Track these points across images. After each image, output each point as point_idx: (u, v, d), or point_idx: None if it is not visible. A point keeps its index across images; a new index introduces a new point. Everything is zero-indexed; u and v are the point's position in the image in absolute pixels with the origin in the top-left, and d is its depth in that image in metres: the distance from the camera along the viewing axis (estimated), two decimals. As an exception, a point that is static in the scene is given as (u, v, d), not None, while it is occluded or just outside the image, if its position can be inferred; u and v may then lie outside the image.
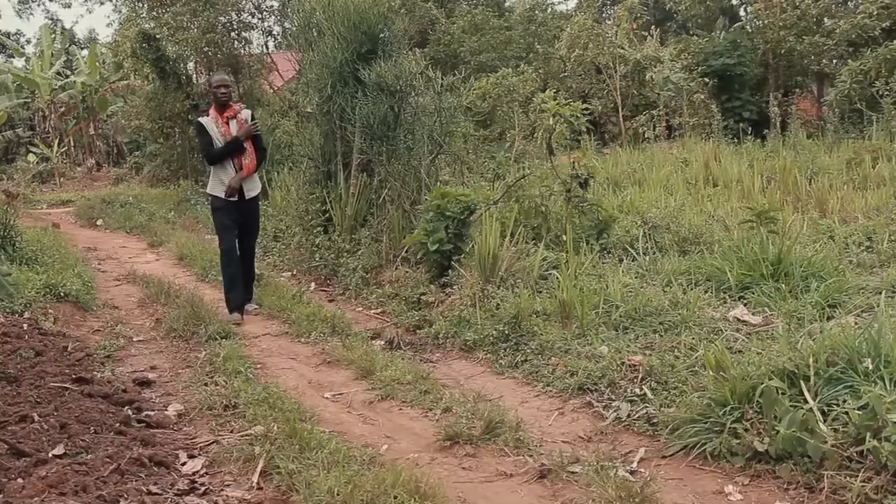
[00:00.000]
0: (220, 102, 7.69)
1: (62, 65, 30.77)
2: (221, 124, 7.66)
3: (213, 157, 7.71)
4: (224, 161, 7.67)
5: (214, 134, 7.64)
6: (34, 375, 5.39)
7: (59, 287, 8.11)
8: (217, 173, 7.75)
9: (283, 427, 4.64)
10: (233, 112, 7.73)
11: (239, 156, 7.69)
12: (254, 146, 7.80)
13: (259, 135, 7.94)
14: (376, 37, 9.80)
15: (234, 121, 7.71)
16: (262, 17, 21.67)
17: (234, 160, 7.69)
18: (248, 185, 7.80)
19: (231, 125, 7.69)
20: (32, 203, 20.48)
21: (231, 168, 7.70)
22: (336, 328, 7.07)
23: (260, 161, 7.92)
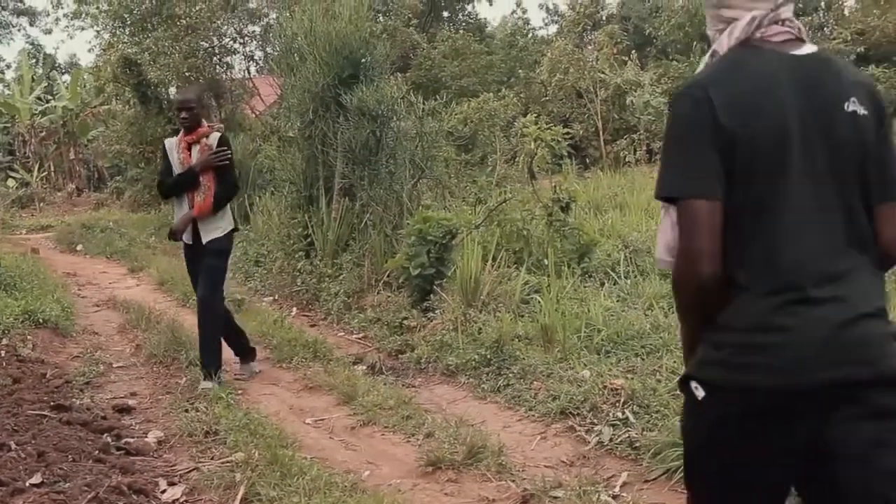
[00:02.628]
0: (183, 128, 6.34)
1: (43, 90, 30.71)
2: (181, 150, 6.30)
3: (163, 190, 6.56)
4: (181, 196, 6.32)
5: (174, 160, 6.34)
6: (12, 403, 5.34)
7: (37, 313, 8.04)
8: (175, 210, 6.51)
9: (264, 453, 4.61)
10: (197, 136, 6.28)
11: (192, 191, 6.23)
12: (218, 180, 6.26)
13: (226, 165, 6.31)
14: (358, 62, 9.83)
15: (197, 147, 6.28)
16: (243, 42, 21.72)
17: (188, 196, 6.27)
18: (205, 226, 6.30)
19: (193, 151, 6.28)
20: (11, 228, 20.37)
21: (186, 205, 6.29)
22: (318, 353, 7.04)
23: (222, 198, 6.33)
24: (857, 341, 1.95)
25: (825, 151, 2.00)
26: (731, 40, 2.11)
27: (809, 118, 2.01)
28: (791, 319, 1.94)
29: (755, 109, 1.99)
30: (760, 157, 1.98)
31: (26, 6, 44.10)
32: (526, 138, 9.05)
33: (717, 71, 2.10)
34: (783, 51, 2.08)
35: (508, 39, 29.70)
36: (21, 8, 44.22)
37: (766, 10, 2.08)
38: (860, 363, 1.94)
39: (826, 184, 2.01)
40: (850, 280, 1.99)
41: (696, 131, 2.00)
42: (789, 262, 1.98)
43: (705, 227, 1.96)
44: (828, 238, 2.00)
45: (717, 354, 2.02)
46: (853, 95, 2.04)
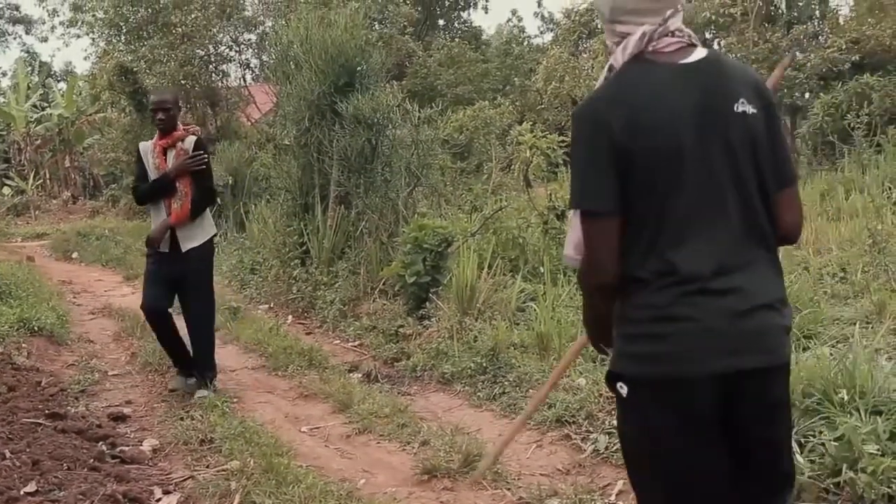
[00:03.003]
0: (159, 130, 6.11)
1: (39, 98, 30.70)
2: (156, 154, 6.06)
3: (138, 196, 6.31)
4: (158, 202, 6.06)
5: (149, 165, 6.09)
6: (6, 411, 5.33)
7: (32, 321, 8.03)
8: (151, 217, 6.27)
9: (259, 462, 4.60)
10: (172, 140, 6.04)
11: (169, 197, 5.99)
12: (195, 185, 6.03)
13: (203, 170, 6.09)
14: (354, 70, 9.85)
15: (172, 150, 6.05)
16: (239, 50, 21.76)
17: (165, 203, 6.02)
18: (184, 233, 6.04)
19: (168, 156, 6.04)
20: (7, 236, 20.35)
21: (163, 212, 6.03)
22: (313, 361, 7.03)
23: (200, 205, 6.09)
24: (753, 331, 2.14)
25: (721, 153, 2.15)
26: (625, 55, 2.22)
27: (704, 124, 2.14)
28: (691, 310, 2.10)
29: (650, 126, 2.12)
30: (658, 169, 2.12)
31: (22, 14, 44.23)
32: (521, 146, 9.05)
33: (613, 89, 2.23)
34: (675, 61, 2.20)
35: (504, 48, 29.75)
36: (17, 16, 44.33)
37: (655, 24, 2.19)
38: (757, 352, 2.15)
39: (723, 184, 2.15)
40: (749, 273, 2.15)
41: (597, 152, 2.14)
42: (689, 256, 2.12)
43: (605, 240, 2.14)
44: (726, 236, 2.15)
45: (630, 348, 2.20)
46: (742, 96, 2.18)
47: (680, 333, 2.11)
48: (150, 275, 6.17)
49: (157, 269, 6.11)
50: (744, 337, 2.13)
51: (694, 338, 2.11)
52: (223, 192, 15.84)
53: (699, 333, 2.11)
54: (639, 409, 2.21)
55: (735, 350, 2.12)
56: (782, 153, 2.26)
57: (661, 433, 2.17)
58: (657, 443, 2.19)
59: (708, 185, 2.15)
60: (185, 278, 6.08)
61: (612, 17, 2.27)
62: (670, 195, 2.14)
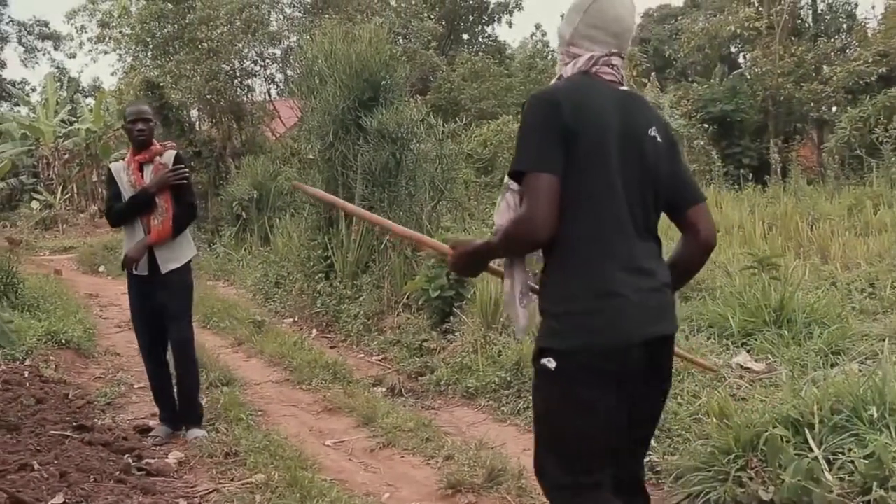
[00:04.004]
0: (136, 142, 5.61)
1: (67, 113, 31.02)
2: (132, 171, 5.60)
3: (113, 217, 5.70)
4: (133, 221, 5.58)
5: (123, 184, 5.60)
6: (35, 423, 5.36)
7: (60, 334, 8.09)
8: (125, 238, 5.71)
9: (284, 475, 4.61)
10: (150, 155, 5.62)
11: (148, 215, 5.53)
12: (175, 201, 5.60)
13: (185, 185, 5.67)
14: (378, 84, 9.89)
15: (149, 166, 5.61)
16: (264, 64, 21.87)
17: (143, 221, 5.56)
18: (164, 254, 5.58)
19: (145, 172, 5.60)
20: (35, 250, 20.53)
21: (140, 231, 5.56)
22: (337, 375, 7.05)
23: (182, 222, 5.65)
24: (664, 305, 2.60)
25: (636, 162, 2.56)
26: (574, 69, 2.66)
27: (627, 136, 2.56)
28: (621, 287, 2.46)
29: (590, 116, 2.52)
30: (592, 153, 2.50)
31: (51, 31, 44.69)
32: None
33: (564, 87, 2.64)
34: (609, 86, 2.65)
35: (528, 62, 29.70)
36: (46, 32, 44.80)
37: (602, 52, 2.65)
38: (668, 321, 2.61)
39: (635, 186, 2.55)
40: (654, 259, 2.60)
41: (548, 125, 2.50)
42: (614, 239, 2.50)
43: (546, 195, 2.43)
44: (638, 226, 2.55)
45: (561, 324, 2.52)
46: (654, 125, 2.66)
47: (618, 307, 2.46)
48: (138, 312, 5.79)
49: (141, 302, 5.71)
50: (660, 309, 2.56)
51: (629, 311, 2.46)
52: (248, 206, 15.94)
53: (632, 307, 2.47)
54: (567, 379, 2.49)
55: (656, 319, 2.54)
56: (687, 176, 2.76)
57: (589, 399, 2.48)
58: (583, 408, 2.49)
59: (626, 180, 2.53)
60: (165, 306, 5.64)
61: (571, 40, 2.71)
62: (602, 183, 2.51)
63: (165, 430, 5.75)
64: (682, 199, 2.71)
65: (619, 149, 2.52)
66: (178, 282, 5.66)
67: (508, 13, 30.00)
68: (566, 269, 2.51)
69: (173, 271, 5.62)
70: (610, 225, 2.50)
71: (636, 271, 2.50)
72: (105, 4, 28.35)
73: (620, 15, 2.67)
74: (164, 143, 5.88)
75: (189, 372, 5.80)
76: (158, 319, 5.72)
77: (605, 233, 2.50)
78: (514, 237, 2.53)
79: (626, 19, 2.68)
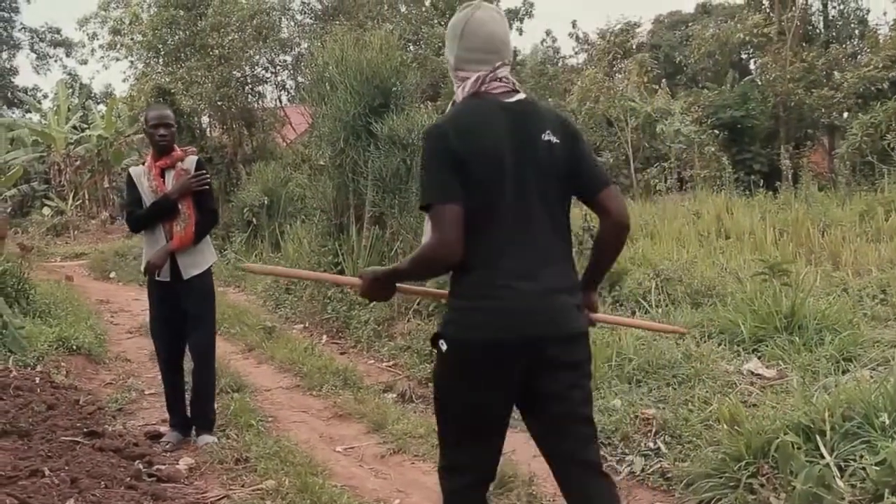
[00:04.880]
0: (157, 147, 5.55)
1: (79, 119, 31.16)
2: (154, 177, 5.54)
3: (135, 222, 5.66)
4: (154, 227, 5.55)
5: (143, 189, 5.56)
6: (46, 429, 5.37)
7: (71, 340, 8.11)
8: (146, 244, 5.67)
9: (294, 481, 4.61)
10: (172, 160, 5.57)
11: (170, 220, 5.51)
12: (197, 207, 5.58)
13: (206, 191, 5.66)
14: (389, 90, 9.90)
15: (171, 172, 5.57)
16: (275, 71, 21.97)
17: (165, 226, 5.53)
18: (185, 259, 5.57)
19: (167, 178, 5.55)
20: (46, 256, 20.60)
21: (161, 237, 5.53)
22: (348, 381, 7.04)
23: (204, 228, 5.66)
24: (549, 308, 2.79)
25: (532, 170, 2.79)
26: (464, 93, 2.87)
27: (519, 147, 2.78)
28: (503, 291, 2.73)
29: (476, 139, 2.76)
30: (483, 172, 2.74)
31: (63, 38, 44.94)
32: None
33: (453, 114, 2.88)
34: (500, 100, 2.85)
35: (539, 68, 29.77)
36: (58, 39, 45.06)
37: (487, 71, 2.85)
38: (551, 324, 2.79)
39: (534, 194, 2.79)
40: (549, 263, 2.81)
41: (440, 156, 2.76)
42: (504, 249, 2.75)
43: (453, 223, 2.69)
44: (534, 234, 2.79)
45: (454, 316, 2.83)
46: (548, 129, 2.83)
47: (493, 308, 2.73)
48: (158, 318, 5.75)
49: (162, 309, 5.69)
50: (543, 313, 2.77)
51: (504, 312, 2.73)
52: (259, 212, 15.96)
53: (509, 309, 2.73)
54: (455, 362, 2.83)
55: (536, 322, 2.75)
56: (590, 167, 2.92)
57: (467, 380, 2.81)
58: (462, 386, 2.84)
59: (523, 191, 2.77)
60: (188, 312, 5.63)
61: (456, 65, 2.93)
62: (495, 199, 2.75)
63: (176, 436, 5.72)
64: (589, 186, 2.91)
65: (514, 163, 2.77)
66: (200, 287, 5.66)
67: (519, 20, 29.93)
68: (465, 270, 2.77)
69: (195, 277, 5.61)
70: (504, 235, 2.76)
71: (523, 277, 2.74)
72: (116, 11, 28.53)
73: (492, 31, 2.88)
74: (185, 149, 5.82)
75: (207, 378, 5.78)
76: (178, 326, 5.69)
77: (500, 242, 2.75)
78: (427, 262, 2.83)
79: (499, 33, 2.90)
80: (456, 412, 2.92)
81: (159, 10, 21.06)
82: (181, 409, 5.84)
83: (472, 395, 2.83)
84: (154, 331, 5.86)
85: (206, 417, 5.77)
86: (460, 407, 2.89)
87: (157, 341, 5.87)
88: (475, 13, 2.89)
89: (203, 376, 5.77)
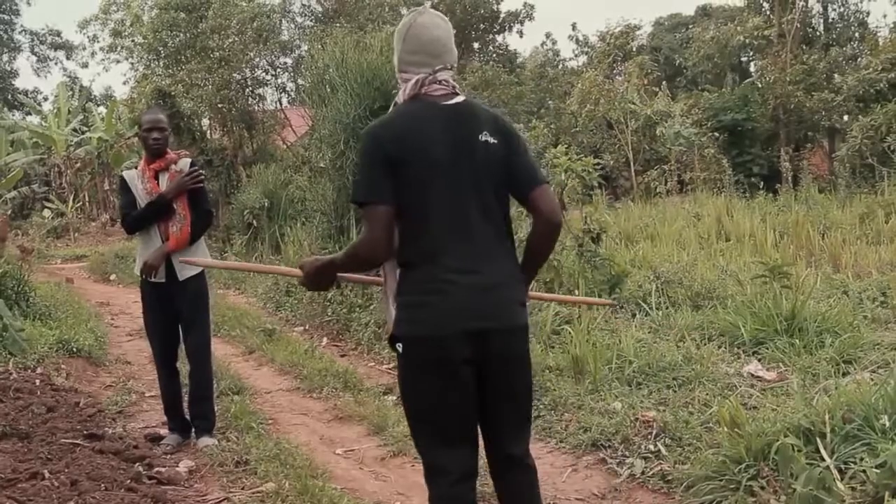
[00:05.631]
0: (151, 150, 5.55)
1: (79, 122, 31.15)
2: (147, 179, 5.53)
3: (131, 223, 5.59)
4: (149, 228, 5.50)
5: (138, 192, 5.53)
6: (46, 431, 5.37)
7: (71, 342, 8.10)
8: (140, 246, 5.65)
9: (294, 484, 4.61)
10: (165, 163, 5.57)
11: (166, 221, 5.47)
12: (192, 207, 5.56)
13: (201, 190, 5.66)
14: (389, 93, 9.89)
15: (164, 175, 5.55)
16: (275, 73, 22.02)
17: (160, 227, 5.49)
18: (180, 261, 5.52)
19: (161, 180, 5.54)
20: (46, 258, 20.57)
21: (157, 238, 5.49)
22: (348, 383, 7.04)
23: (200, 228, 5.63)
24: (493, 303, 2.89)
25: (469, 169, 2.90)
26: (404, 95, 2.99)
27: (455, 148, 2.90)
28: (445, 286, 2.84)
29: (411, 142, 2.87)
30: (418, 173, 2.86)
31: (63, 40, 45.00)
32: (556, 169, 9.02)
33: (390, 117, 2.99)
34: (439, 102, 2.96)
35: (539, 70, 29.81)
36: (58, 42, 45.14)
37: (426, 73, 2.96)
38: (492, 317, 2.88)
39: (470, 192, 2.90)
40: (489, 261, 2.90)
41: (373, 158, 2.88)
42: (445, 245, 2.86)
43: (381, 223, 2.82)
44: (473, 231, 2.89)
45: (401, 314, 2.92)
46: (485, 129, 2.95)
47: (437, 303, 2.83)
48: (153, 320, 5.71)
49: (156, 310, 5.64)
50: (485, 306, 2.86)
51: (447, 306, 2.83)
52: (259, 214, 15.97)
53: (451, 303, 2.83)
54: (410, 361, 2.93)
55: (479, 316, 2.85)
56: (525, 165, 3.01)
57: (425, 379, 2.90)
58: (422, 385, 2.93)
59: (459, 189, 2.89)
60: (182, 313, 5.62)
61: (399, 67, 3.05)
62: (431, 198, 2.86)
63: (176, 438, 5.70)
64: (522, 185, 2.99)
65: (451, 163, 2.89)
66: (194, 289, 5.63)
67: (519, 23, 30.02)
68: (407, 268, 2.92)
69: (190, 278, 5.58)
70: (444, 232, 2.87)
71: (465, 272, 2.85)
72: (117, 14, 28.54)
73: (436, 36, 3.00)
74: (178, 152, 5.80)
75: (203, 379, 5.73)
76: (173, 327, 5.68)
77: (440, 239, 2.86)
78: (357, 257, 2.96)
79: (442, 39, 3.01)
80: (422, 414, 3.00)
81: (160, 13, 21.10)
82: (179, 412, 5.84)
83: (432, 394, 2.91)
84: (149, 333, 5.83)
85: (205, 419, 5.74)
86: (425, 408, 2.97)
87: (152, 343, 5.84)
88: (418, 18, 3.01)
89: (200, 378, 5.72)
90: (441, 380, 2.88)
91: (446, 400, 2.90)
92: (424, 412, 2.97)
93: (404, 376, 3.01)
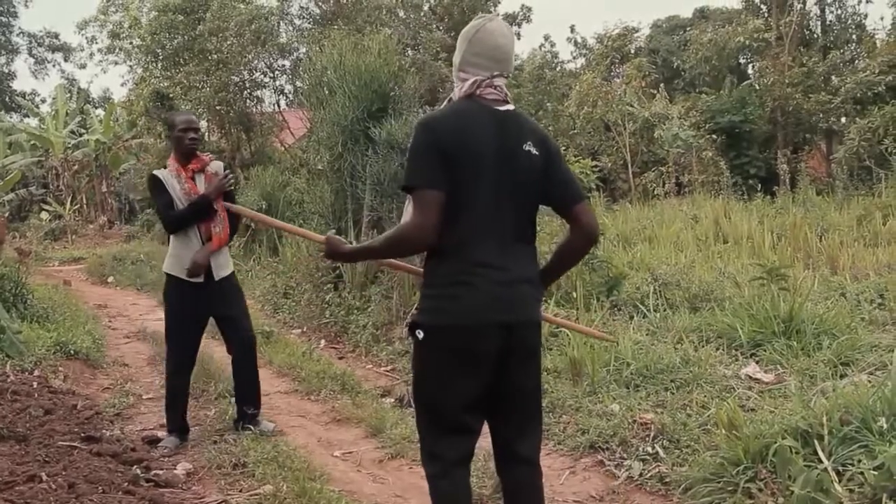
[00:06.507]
0: (187, 151, 5.61)
1: (77, 124, 31.15)
2: (185, 179, 5.59)
3: (174, 222, 5.60)
4: (188, 229, 5.59)
5: (175, 192, 5.55)
6: (43, 434, 5.36)
7: (69, 344, 8.10)
8: (176, 246, 5.68)
9: (292, 486, 4.60)
10: (200, 164, 5.67)
11: (208, 222, 5.60)
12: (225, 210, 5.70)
13: (232, 193, 5.84)
14: (387, 95, 9.92)
15: (200, 175, 5.66)
16: (273, 76, 22.00)
17: (200, 228, 5.60)
18: (217, 260, 5.68)
19: (197, 181, 5.63)
20: (44, 260, 20.57)
21: (196, 239, 5.59)
22: (346, 386, 7.04)
23: (234, 228, 5.83)
24: (516, 297, 3.03)
25: (509, 174, 3.02)
26: (461, 93, 3.11)
27: (500, 151, 3.02)
28: (474, 279, 2.96)
29: (465, 140, 2.98)
30: (463, 168, 2.96)
31: (61, 42, 44.97)
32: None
33: (446, 112, 3.12)
34: (491, 106, 3.08)
35: (537, 72, 29.75)
36: (56, 44, 45.09)
37: (484, 76, 3.08)
38: (518, 311, 3.03)
39: (506, 195, 3.02)
40: (514, 259, 3.04)
41: (428, 146, 2.98)
42: (477, 241, 2.98)
43: (433, 208, 2.91)
44: (503, 230, 3.02)
45: (428, 304, 3.04)
46: (529, 140, 3.08)
47: (469, 294, 2.94)
48: (183, 320, 5.73)
49: (190, 310, 5.68)
50: (510, 300, 3.00)
51: (478, 298, 2.94)
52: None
53: (482, 295, 2.94)
54: (430, 350, 3.03)
55: (505, 309, 2.98)
56: (569, 181, 3.18)
57: (444, 367, 3.00)
58: (439, 373, 3.02)
59: (497, 191, 3.00)
60: (227, 308, 5.76)
61: (459, 66, 3.16)
62: (471, 194, 2.96)
63: (174, 440, 5.71)
64: (566, 199, 3.15)
65: (494, 165, 3.00)
66: (231, 286, 5.83)
67: (517, 24, 30.00)
68: (439, 258, 3.01)
69: (225, 277, 5.75)
70: (477, 228, 2.98)
71: (493, 267, 2.97)
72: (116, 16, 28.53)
73: (500, 44, 3.11)
74: (207, 155, 5.95)
75: (255, 370, 5.93)
76: (199, 328, 5.81)
77: (473, 234, 2.97)
78: (404, 241, 3.03)
79: (505, 47, 3.12)
80: (434, 401, 3.08)
81: (158, 15, 21.08)
82: (181, 414, 5.86)
83: (449, 382, 3.01)
84: (174, 333, 5.81)
85: (259, 407, 5.98)
86: (438, 395, 3.05)
87: (174, 344, 5.82)
88: (487, 24, 3.12)
89: (251, 370, 5.91)
90: (461, 368, 2.98)
91: (462, 391, 3.01)
92: (438, 401, 3.06)
93: (422, 363, 3.10)
